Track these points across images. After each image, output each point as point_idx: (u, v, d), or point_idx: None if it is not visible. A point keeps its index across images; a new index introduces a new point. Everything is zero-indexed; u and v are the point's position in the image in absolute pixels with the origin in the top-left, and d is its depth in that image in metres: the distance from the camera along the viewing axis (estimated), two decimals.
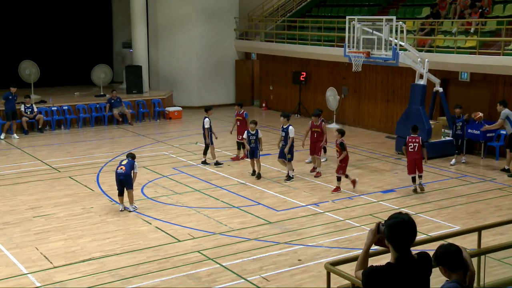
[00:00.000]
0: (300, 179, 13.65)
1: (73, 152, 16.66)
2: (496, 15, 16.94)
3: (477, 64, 15.55)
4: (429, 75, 15.65)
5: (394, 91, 18.77)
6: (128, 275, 8.49)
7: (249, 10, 25.11)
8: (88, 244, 9.72)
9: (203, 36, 24.22)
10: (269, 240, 9.85)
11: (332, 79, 20.95)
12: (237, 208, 11.57)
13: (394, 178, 13.81)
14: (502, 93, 15.68)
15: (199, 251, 9.36)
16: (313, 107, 21.91)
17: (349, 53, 15.83)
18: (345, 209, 11.44)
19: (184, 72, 24.19)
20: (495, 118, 15.83)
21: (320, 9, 23.79)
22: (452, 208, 11.50)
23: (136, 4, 22.51)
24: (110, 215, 11.21)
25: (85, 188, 12.99)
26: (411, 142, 12.44)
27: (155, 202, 11.97)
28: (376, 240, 4.48)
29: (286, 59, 22.77)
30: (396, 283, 4.15)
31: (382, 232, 4.43)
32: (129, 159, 11.46)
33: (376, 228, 4.42)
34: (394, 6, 20.83)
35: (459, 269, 4.57)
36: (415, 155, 12.41)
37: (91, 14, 26.09)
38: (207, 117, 14.71)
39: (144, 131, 19.79)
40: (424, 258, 4.35)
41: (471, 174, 14.08)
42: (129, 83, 22.37)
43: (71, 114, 20.35)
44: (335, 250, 9.35)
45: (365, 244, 4.47)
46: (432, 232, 9.81)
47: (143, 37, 22.97)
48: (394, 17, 15.06)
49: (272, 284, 8.20)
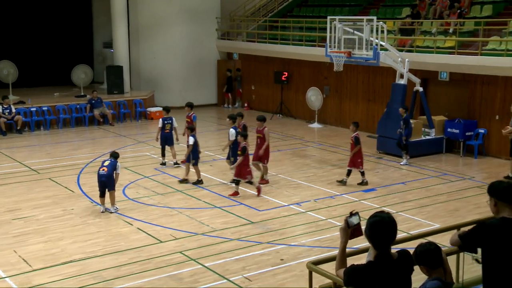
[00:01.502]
0: (282, 178, 13.68)
1: (53, 153, 16.49)
2: (474, 15, 17.17)
3: (456, 64, 15.75)
4: (409, 74, 15.81)
5: (375, 90, 18.92)
6: (110, 276, 8.43)
7: (231, 10, 25.10)
8: (68, 246, 9.62)
9: (185, 36, 24.15)
10: (251, 240, 9.85)
11: (314, 79, 21.03)
12: (219, 208, 11.55)
13: (375, 177, 13.91)
14: (480, 93, 15.90)
15: (181, 252, 9.33)
16: (295, 107, 22.04)
17: (331, 53, 15.91)
18: (327, 209, 11.50)
19: (166, 72, 24.08)
20: (474, 117, 16.08)
21: (301, 9, 23.87)
22: (432, 206, 11.63)
23: (116, 3, 22.34)
24: (91, 216, 11.11)
25: (66, 190, 12.86)
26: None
27: (137, 203, 11.90)
28: (350, 234, 4.51)
29: (268, 59, 22.80)
30: (378, 281, 4.19)
31: (352, 225, 4.45)
32: (111, 159, 11.37)
33: (346, 224, 4.45)
34: (375, 6, 20.99)
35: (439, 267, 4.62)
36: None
37: (71, 14, 25.84)
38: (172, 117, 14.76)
39: (126, 131, 19.66)
40: (404, 256, 4.39)
41: (451, 172, 14.25)
42: (110, 84, 22.20)
43: (51, 114, 20.14)
44: (317, 250, 9.40)
45: (341, 243, 4.51)
46: (413, 231, 9.90)
47: (124, 37, 22.82)
48: (375, 17, 15.18)
49: (254, 284, 8.21)
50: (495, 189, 4.70)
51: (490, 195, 4.71)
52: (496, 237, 4.54)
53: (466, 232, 4.78)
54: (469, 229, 4.77)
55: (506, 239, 4.52)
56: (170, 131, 14.69)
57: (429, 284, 4.50)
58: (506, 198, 4.63)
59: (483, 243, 4.65)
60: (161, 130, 14.63)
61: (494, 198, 4.68)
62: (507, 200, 4.62)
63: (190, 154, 13.06)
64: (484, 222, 4.70)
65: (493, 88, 15.58)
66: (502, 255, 4.55)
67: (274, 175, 13.95)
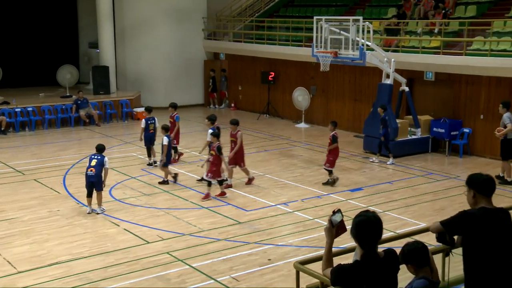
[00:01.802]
0: (269, 178, 13.69)
1: (38, 154, 16.34)
2: (458, 16, 17.33)
3: (441, 64, 15.88)
4: (395, 74, 15.91)
5: (362, 90, 19.01)
6: (96, 278, 8.38)
7: (217, 10, 25.07)
8: (54, 247, 9.55)
9: (171, 36, 24.07)
10: (239, 240, 9.85)
11: (301, 78, 21.08)
12: (206, 209, 11.53)
13: (362, 176, 13.98)
14: (465, 92, 16.05)
15: (168, 253, 9.30)
16: (282, 107, 22.07)
17: (317, 53, 15.96)
18: (314, 208, 11.53)
19: (152, 73, 23.99)
20: (459, 116, 16.22)
21: (288, 9, 23.91)
22: (418, 205, 11.71)
23: (102, 3, 22.21)
24: (77, 217, 11.03)
25: (51, 191, 12.75)
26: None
27: (123, 204, 11.84)
28: (335, 233, 4.52)
29: (254, 59, 22.81)
30: (365, 281, 4.21)
31: (335, 223, 4.47)
32: (97, 157, 11.21)
33: (330, 224, 4.47)
34: (361, 6, 21.09)
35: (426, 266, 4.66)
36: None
37: (56, 13, 25.63)
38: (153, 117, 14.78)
39: (112, 132, 19.54)
40: (390, 255, 4.42)
41: (436, 171, 14.36)
42: (96, 84, 22.06)
43: (36, 115, 19.97)
44: (305, 249, 9.42)
45: (326, 243, 4.52)
46: (399, 230, 9.97)
47: (110, 37, 22.69)
48: (361, 18, 15.25)
49: (242, 284, 8.21)
50: (474, 181, 4.84)
51: (469, 187, 4.86)
52: (477, 225, 4.70)
53: (448, 219, 4.92)
54: (451, 217, 4.92)
55: (485, 227, 4.69)
56: (154, 131, 14.70)
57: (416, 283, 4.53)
58: (485, 191, 4.79)
59: (464, 231, 4.80)
60: (144, 130, 14.60)
61: (473, 190, 4.82)
62: (485, 193, 4.78)
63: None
64: (465, 210, 4.83)
65: (478, 88, 15.73)
66: (482, 243, 4.71)
67: (261, 175, 13.97)
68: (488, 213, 4.71)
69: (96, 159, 11.15)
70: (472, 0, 17.55)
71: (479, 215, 4.71)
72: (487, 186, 4.79)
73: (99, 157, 11.19)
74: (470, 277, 4.85)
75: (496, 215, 4.76)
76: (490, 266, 4.73)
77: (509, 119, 12.87)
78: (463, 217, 4.78)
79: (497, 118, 15.18)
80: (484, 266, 4.74)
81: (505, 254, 4.79)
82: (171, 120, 15.05)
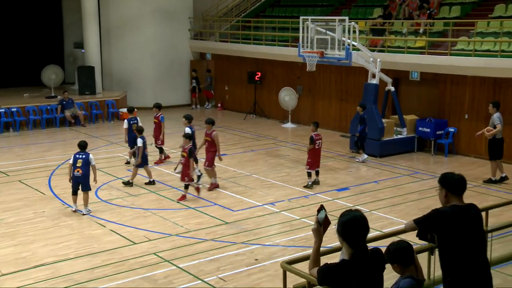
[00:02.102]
0: (256, 178, 13.70)
1: (23, 155, 16.19)
2: (443, 16, 17.47)
3: (426, 63, 15.99)
4: (381, 74, 16.00)
5: (348, 90, 19.09)
6: (82, 279, 8.33)
7: (204, 10, 25.02)
8: (40, 249, 9.47)
9: (157, 36, 23.98)
10: (226, 240, 9.85)
11: (287, 78, 21.11)
12: (193, 209, 11.51)
13: (349, 176, 14.04)
14: (450, 92, 16.18)
15: (155, 253, 9.27)
16: (268, 107, 22.08)
17: (303, 53, 15.99)
18: (301, 208, 11.56)
19: (138, 73, 23.86)
20: (444, 116, 16.35)
21: (274, 9, 23.94)
22: (404, 204, 11.79)
23: (87, 3, 22.05)
24: (63, 218, 10.95)
25: (36, 192, 12.64)
26: (318, 139, 12.87)
27: (109, 205, 11.78)
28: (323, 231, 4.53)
29: (241, 59, 22.80)
30: (352, 280, 4.22)
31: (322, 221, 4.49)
32: (82, 156, 11.09)
33: (317, 224, 4.48)
34: (347, 6, 21.18)
35: (411, 265, 4.70)
36: (320, 151, 13.04)
37: (40, 13, 25.39)
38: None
39: (98, 132, 19.42)
40: (376, 254, 4.44)
41: (422, 171, 14.47)
42: (82, 84, 21.90)
43: (20, 116, 19.78)
44: (291, 249, 9.44)
45: (315, 243, 4.53)
46: (385, 229, 10.02)
47: (95, 37, 22.54)
48: (347, 18, 15.31)
49: (229, 284, 8.21)
50: (447, 181, 4.96)
51: (441, 186, 4.96)
52: (449, 223, 4.80)
53: (421, 217, 5.01)
54: (424, 215, 5.01)
55: (458, 224, 4.79)
56: None
57: (402, 283, 4.56)
58: (456, 190, 4.91)
59: (437, 229, 4.90)
60: (128, 131, 14.50)
61: (445, 189, 4.93)
62: (457, 193, 4.90)
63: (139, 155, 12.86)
64: (437, 209, 4.94)
65: (462, 88, 15.87)
66: (456, 240, 4.82)
67: (248, 175, 13.98)
68: (460, 210, 4.84)
69: (81, 159, 11.04)
70: (456, 1, 17.71)
71: (451, 212, 4.83)
72: (459, 186, 4.92)
73: (83, 156, 11.09)
74: (447, 274, 4.94)
75: (467, 212, 4.89)
76: (465, 262, 4.84)
77: (499, 119, 12.89)
78: (435, 215, 4.89)
79: (481, 117, 15.38)
80: (459, 262, 4.85)
81: (479, 249, 4.89)
82: (156, 121, 14.99)
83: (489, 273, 4.98)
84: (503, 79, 14.74)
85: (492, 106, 13.11)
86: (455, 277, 4.86)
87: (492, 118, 13.01)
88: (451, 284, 4.89)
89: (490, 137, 13.04)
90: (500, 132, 12.96)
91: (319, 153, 13.13)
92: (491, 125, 13.03)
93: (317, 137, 12.89)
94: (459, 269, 4.83)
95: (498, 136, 13.03)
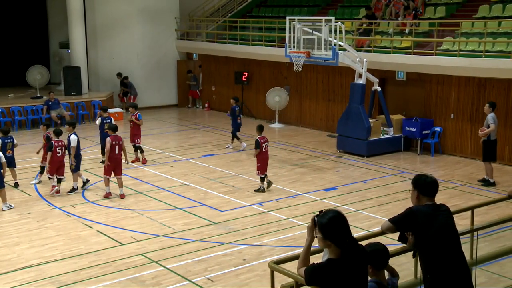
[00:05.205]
0: (244, 179, 13.70)
1: None
2: (428, 16, 17.60)
3: (412, 63, 16.10)
4: (367, 74, 16.07)
5: (335, 90, 19.15)
6: (69, 281, 8.27)
7: (190, 10, 24.97)
8: (25, 251, 9.38)
9: (144, 37, 23.89)
10: (213, 240, 9.83)
11: (274, 79, 21.13)
12: (180, 210, 11.48)
13: (336, 176, 14.09)
14: (435, 92, 16.31)
15: (142, 254, 9.23)
16: (255, 107, 22.08)
17: (290, 53, 16.02)
18: (289, 208, 11.58)
19: (125, 73, 23.72)
20: (430, 116, 16.47)
21: (260, 9, 23.95)
22: (392, 204, 11.84)
23: (72, 2, 21.87)
24: (49, 220, 10.86)
25: (22, 193, 12.52)
26: (264, 142, 12.66)
27: (96, 206, 11.70)
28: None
29: (228, 59, 22.78)
30: (339, 278, 4.23)
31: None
32: None
33: (313, 223, 4.48)
34: (333, 7, 21.25)
35: (383, 269, 4.74)
36: (268, 154, 12.74)
37: (25, 12, 25.16)
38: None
39: (84, 133, 19.26)
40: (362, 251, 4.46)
41: (409, 170, 14.56)
42: (68, 85, 21.74)
43: (5, 116, 19.58)
44: (279, 249, 9.44)
45: (306, 240, 4.52)
46: (373, 228, 10.07)
47: (81, 37, 22.37)
48: (333, 18, 15.35)
49: (217, 284, 8.19)
50: (420, 183, 5.06)
51: (414, 187, 5.07)
52: (424, 220, 4.91)
53: (396, 217, 5.09)
54: (399, 214, 5.09)
55: (432, 221, 4.90)
56: None
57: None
58: (428, 193, 5.02)
59: (412, 227, 5.00)
60: (99, 128, 14.61)
61: (418, 190, 5.04)
62: (428, 194, 5.02)
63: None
64: (411, 207, 5.07)
65: (448, 88, 16.00)
66: (431, 236, 4.91)
67: (235, 175, 13.97)
68: (433, 208, 4.98)
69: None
70: (441, 1, 17.85)
71: (425, 210, 4.95)
72: (431, 189, 5.03)
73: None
74: (427, 271, 5.03)
75: (439, 209, 5.02)
76: (443, 258, 4.93)
77: (493, 120, 12.80)
78: (410, 214, 4.99)
79: (467, 117, 15.52)
80: (437, 258, 4.95)
81: (454, 244, 5.01)
82: (134, 120, 14.97)
83: (466, 266, 5.11)
84: (487, 79, 14.88)
85: (489, 106, 13.00)
86: (435, 274, 4.94)
87: (487, 118, 12.89)
88: (432, 281, 4.96)
89: (484, 137, 12.93)
90: (494, 132, 12.88)
91: (267, 156, 12.78)
92: (485, 125, 12.93)
93: (262, 140, 12.63)
94: (438, 265, 4.92)
95: (492, 138, 12.92)
